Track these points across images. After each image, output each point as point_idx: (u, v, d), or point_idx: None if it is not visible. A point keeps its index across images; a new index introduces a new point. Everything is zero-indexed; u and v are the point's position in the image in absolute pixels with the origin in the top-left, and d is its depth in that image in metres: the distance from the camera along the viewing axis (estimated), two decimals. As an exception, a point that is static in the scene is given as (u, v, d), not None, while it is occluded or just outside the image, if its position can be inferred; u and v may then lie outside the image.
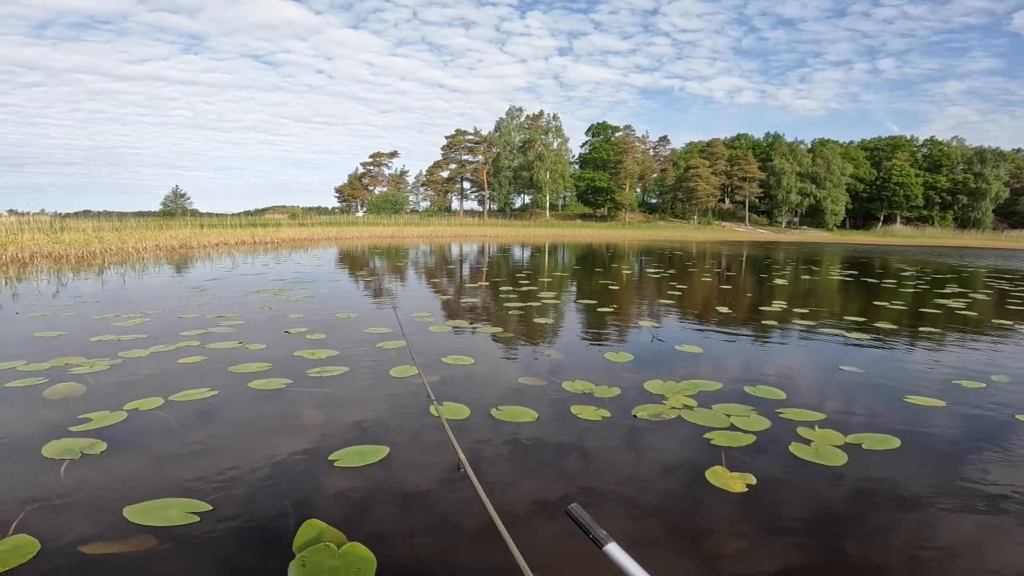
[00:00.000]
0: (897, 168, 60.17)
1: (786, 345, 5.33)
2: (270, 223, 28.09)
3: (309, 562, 1.70)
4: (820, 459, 2.58)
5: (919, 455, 2.69)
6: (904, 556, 1.87)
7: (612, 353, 4.64)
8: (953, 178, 60.24)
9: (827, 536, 1.97)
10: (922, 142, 65.76)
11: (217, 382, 3.51)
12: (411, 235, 31.66)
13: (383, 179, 69.16)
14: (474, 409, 3.15)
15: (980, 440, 2.89)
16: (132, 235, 16.77)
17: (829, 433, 2.88)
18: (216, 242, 19.00)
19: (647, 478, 2.40)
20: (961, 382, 3.92)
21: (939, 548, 1.93)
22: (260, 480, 2.27)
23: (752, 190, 61.44)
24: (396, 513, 2.05)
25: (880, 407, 3.41)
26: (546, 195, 61.82)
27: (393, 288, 9.06)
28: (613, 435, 2.86)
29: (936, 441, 2.88)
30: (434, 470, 2.41)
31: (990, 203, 58.79)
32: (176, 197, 62.82)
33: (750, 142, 69.58)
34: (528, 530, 1.96)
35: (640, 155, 66.64)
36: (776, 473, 2.45)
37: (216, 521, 1.95)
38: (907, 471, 2.49)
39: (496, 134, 63.16)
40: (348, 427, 2.86)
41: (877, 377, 4.09)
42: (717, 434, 2.86)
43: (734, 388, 3.67)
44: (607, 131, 67.11)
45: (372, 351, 4.48)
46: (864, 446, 2.73)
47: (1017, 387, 3.86)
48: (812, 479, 2.40)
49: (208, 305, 6.53)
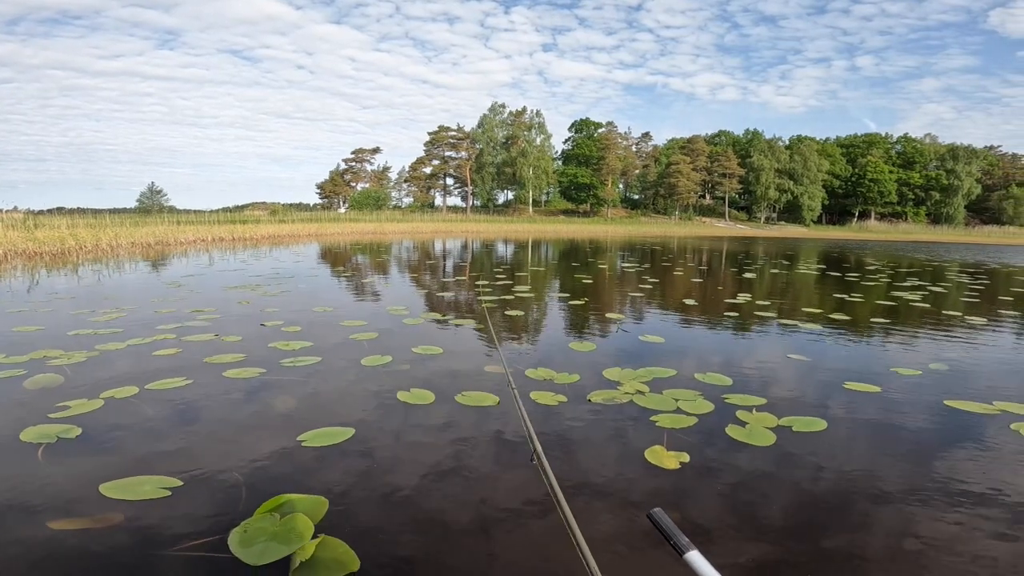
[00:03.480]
0: (872, 165, 61.51)
1: (742, 335, 5.60)
2: (249, 220, 27.90)
3: (251, 528, 1.87)
4: (751, 440, 2.79)
5: (841, 436, 2.91)
6: (805, 524, 2.09)
7: (577, 343, 4.86)
8: (926, 175, 61.75)
9: (742, 507, 2.18)
10: (896, 139, 67.25)
11: (192, 372, 3.66)
12: (393, 231, 31.64)
13: (365, 175, 68.73)
14: (439, 395, 3.34)
15: (902, 423, 3.12)
16: (107, 232, 16.60)
17: (765, 416, 3.10)
18: (193, 239, 18.86)
19: (590, 456, 2.61)
20: (899, 370, 4.18)
21: (839, 518, 2.16)
22: (230, 458, 2.44)
23: (732, 186, 62.37)
24: (355, 483, 2.24)
25: (819, 393, 3.65)
26: (529, 191, 62.03)
27: (371, 283, 9.18)
28: (565, 418, 3.07)
29: (861, 424, 3.10)
30: (393, 447, 2.61)
31: (962, 199, 60.35)
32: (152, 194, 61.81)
33: (730, 138, 70.50)
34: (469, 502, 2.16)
35: (622, 151, 67.15)
36: (709, 452, 2.65)
37: (186, 494, 2.12)
38: (826, 451, 2.71)
39: (479, 130, 63.13)
40: (317, 411, 3.04)
41: (821, 365, 4.36)
42: (663, 417, 3.07)
43: (687, 375, 3.90)
44: (590, 127, 67.46)
45: (346, 342, 4.64)
46: (794, 428, 2.95)
47: (951, 375, 4.13)
48: (739, 458, 2.61)
49: (185, 300, 6.62)
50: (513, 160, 60.10)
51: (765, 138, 65.67)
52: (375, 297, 7.66)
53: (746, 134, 69.94)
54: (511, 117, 62.97)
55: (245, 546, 1.77)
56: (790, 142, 65.06)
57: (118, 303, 6.32)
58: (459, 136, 66.27)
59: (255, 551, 1.74)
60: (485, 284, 8.98)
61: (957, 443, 2.82)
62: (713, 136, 71.50)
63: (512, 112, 63.31)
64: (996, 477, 2.44)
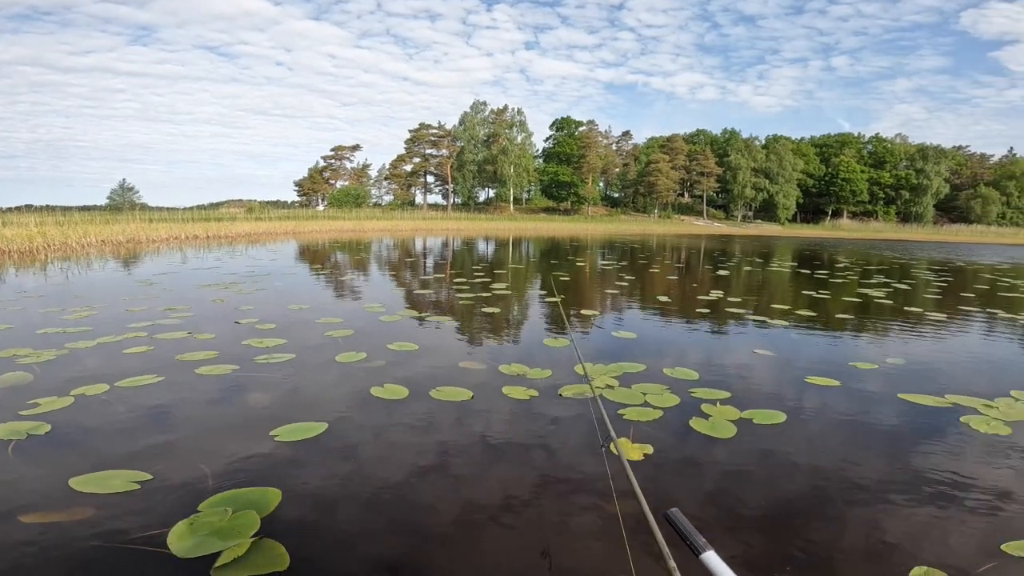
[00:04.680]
0: (844, 164, 62.92)
1: (712, 331, 5.74)
2: (225, 217, 27.43)
3: (198, 521, 1.91)
4: (713, 432, 2.90)
5: (798, 428, 3.02)
6: (761, 511, 2.21)
7: (551, 339, 4.95)
8: (896, 174, 63.36)
9: (701, 496, 2.28)
10: (868, 139, 68.84)
11: (163, 369, 3.65)
12: (373, 229, 31.43)
13: (345, 173, 68.03)
14: (413, 390, 3.40)
15: (856, 415, 3.25)
16: (76, 230, 16.22)
17: (728, 409, 3.21)
18: (166, 237, 18.52)
19: (556, 448, 2.69)
20: (858, 364, 4.33)
21: (792, 505, 2.28)
22: (200, 452, 2.47)
23: (710, 185, 63.23)
24: (322, 478, 2.29)
25: (781, 386, 3.78)
26: (510, 189, 62.06)
27: (349, 281, 9.16)
28: (535, 411, 3.15)
29: (818, 417, 3.22)
30: (364, 442, 2.66)
31: (931, 198, 62.06)
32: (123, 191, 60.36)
33: (708, 138, 71.45)
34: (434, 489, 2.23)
35: (603, 150, 67.62)
36: (672, 444, 2.75)
37: (155, 488, 2.15)
38: (783, 442, 2.82)
39: (460, 128, 62.98)
40: (291, 407, 3.07)
41: (785, 359, 4.51)
42: (630, 410, 3.17)
43: (656, 370, 4.01)
44: (571, 126, 67.72)
45: (321, 340, 4.66)
46: (755, 421, 3.06)
47: (907, 369, 4.30)
48: (701, 449, 2.71)
49: (157, 299, 6.54)
50: (494, 158, 60.07)
51: (742, 137, 66.70)
52: (352, 295, 7.66)
53: (724, 133, 70.94)
54: (492, 115, 62.92)
55: (183, 539, 1.80)
56: (766, 141, 66.21)
57: (88, 301, 6.23)
58: (440, 134, 65.99)
59: (188, 545, 1.77)
60: (463, 282, 9.03)
61: (907, 435, 2.95)
62: (692, 135, 72.37)
63: (493, 110, 63.29)
64: (942, 466, 2.58)
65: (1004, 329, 6.28)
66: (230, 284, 7.98)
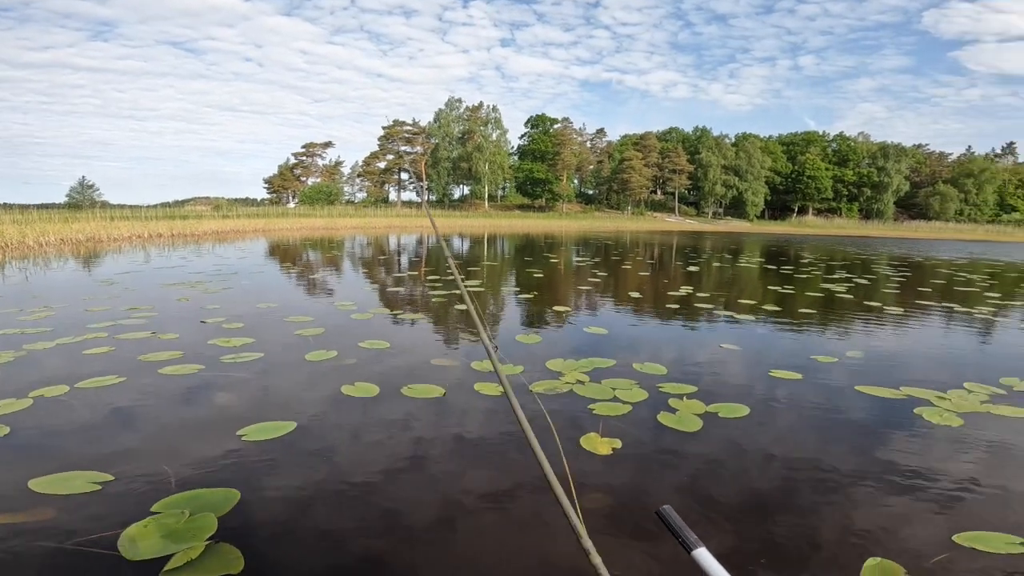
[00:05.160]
0: (810, 162, 64.52)
1: (681, 326, 5.85)
2: (190, 215, 26.70)
3: (153, 523, 1.89)
4: (680, 425, 2.96)
5: (761, 421, 3.11)
6: (724, 502, 2.28)
7: (523, 335, 4.98)
8: (859, 172, 65.22)
9: (666, 488, 2.34)
10: (832, 137, 70.70)
11: (126, 370, 3.56)
12: (345, 226, 31.03)
13: (317, 170, 66.91)
14: (384, 388, 3.38)
15: (816, 408, 3.35)
16: (34, 228, 15.61)
17: (694, 403, 3.28)
18: (128, 235, 17.96)
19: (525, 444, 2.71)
20: (818, 357, 4.47)
21: (753, 495, 2.36)
22: (164, 452, 2.43)
23: (682, 182, 64.12)
24: (290, 476, 2.27)
25: (746, 380, 3.88)
26: (485, 186, 61.90)
27: (320, 279, 9.04)
28: (505, 407, 3.16)
29: (779, 409, 3.32)
30: (333, 440, 2.65)
31: (892, 195, 64.07)
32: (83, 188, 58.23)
33: (680, 135, 72.38)
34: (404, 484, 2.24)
35: (577, 147, 67.95)
36: (640, 438, 2.80)
37: (116, 489, 2.12)
38: (745, 435, 2.90)
39: (435, 125, 62.54)
40: (259, 406, 3.03)
41: (750, 353, 4.63)
42: (600, 405, 3.21)
43: (626, 365, 4.07)
44: (546, 123, 67.82)
45: (290, 338, 4.60)
46: (720, 414, 3.13)
47: (865, 362, 4.45)
48: (668, 443, 2.76)
49: (118, 298, 6.36)
50: (469, 155, 59.81)
51: (713, 135, 67.79)
52: (323, 293, 7.56)
53: (695, 131, 71.97)
54: (467, 112, 62.60)
55: (135, 542, 1.78)
56: (736, 139, 67.42)
57: (47, 301, 6.02)
58: (414, 131, 65.42)
59: (140, 547, 1.75)
60: (436, 279, 9.00)
61: (863, 427, 3.05)
62: (664, 133, 73.20)
63: (469, 107, 62.97)
64: (896, 458, 2.69)
65: (959, 323, 6.55)
66: (196, 283, 7.80)
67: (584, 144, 72.51)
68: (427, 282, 8.68)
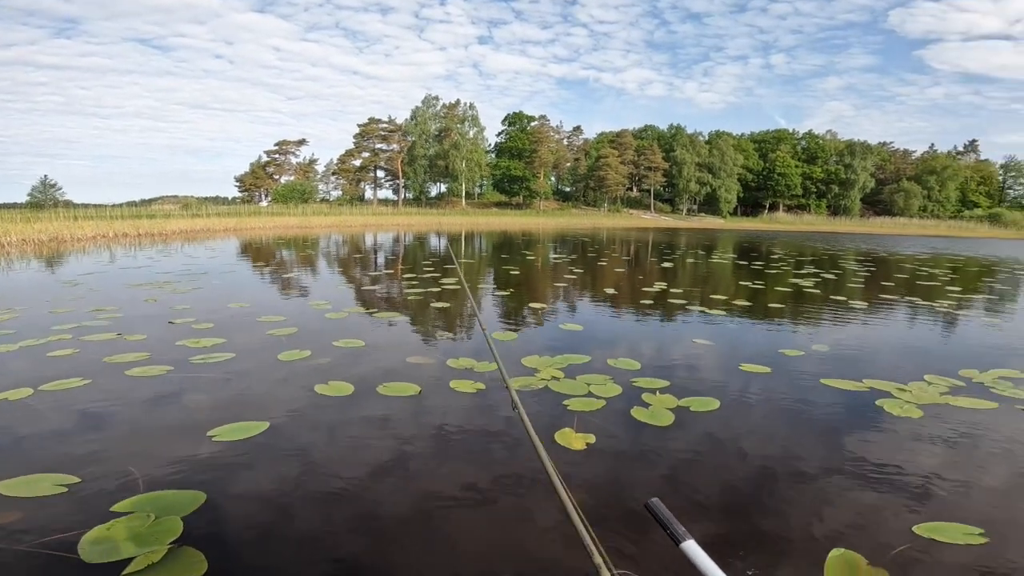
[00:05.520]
0: (780, 160, 65.92)
1: (654, 322, 5.94)
2: (158, 214, 26.03)
3: (117, 526, 1.86)
4: (653, 420, 3.00)
5: (731, 414, 3.17)
6: (694, 494, 2.33)
7: (499, 332, 5.00)
8: (827, 169, 66.87)
9: (637, 482, 2.37)
10: (802, 135, 72.30)
11: (91, 372, 3.48)
12: (320, 225, 30.58)
13: (290, 168, 65.70)
14: (359, 386, 3.36)
15: (783, 401, 3.43)
16: (-7, 226, 15.03)
17: (667, 398, 3.33)
18: (93, 235, 17.44)
19: (501, 440, 2.73)
20: (787, 351, 4.58)
21: (719, 487, 2.42)
22: (132, 454, 2.39)
23: (657, 179, 64.85)
24: (261, 477, 2.25)
25: (717, 374, 3.96)
26: (462, 184, 61.67)
27: (293, 278, 8.91)
28: (481, 404, 3.19)
29: (748, 402, 3.39)
30: (305, 439, 2.62)
31: (858, 192, 65.83)
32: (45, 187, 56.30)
33: (655, 133, 73.18)
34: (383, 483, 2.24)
35: (555, 145, 68.09)
36: (614, 433, 2.83)
37: (81, 491, 2.07)
38: (716, 428, 2.96)
39: (412, 122, 61.99)
40: (230, 406, 2.99)
41: (722, 348, 4.72)
42: (575, 400, 3.25)
43: (600, 360, 4.12)
44: (523, 121, 67.81)
45: (262, 338, 4.54)
46: (691, 408, 3.19)
47: (830, 355, 4.57)
48: (640, 437, 2.80)
49: (83, 299, 6.18)
50: (446, 153, 59.48)
51: (687, 133, 68.66)
52: (297, 292, 7.46)
53: (670, 129, 72.82)
54: (444, 110, 62.23)
55: (96, 544, 1.75)
56: (710, 137, 68.45)
57: (9, 303, 5.82)
58: (390, 128, 64.74)
59: (100, 550, 1.73)
60: (412, 277, 8.95)
61: (827, 419, 3.13)
62: (640, 131, 73.91)
63: (445, 105, 62.62)
64: (859, 450, 2.78)
65: (920, 316, 6.79)
66: (163, 283, 7.62)
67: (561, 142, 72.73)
68: (403, 280, 8.63)
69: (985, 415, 3.19)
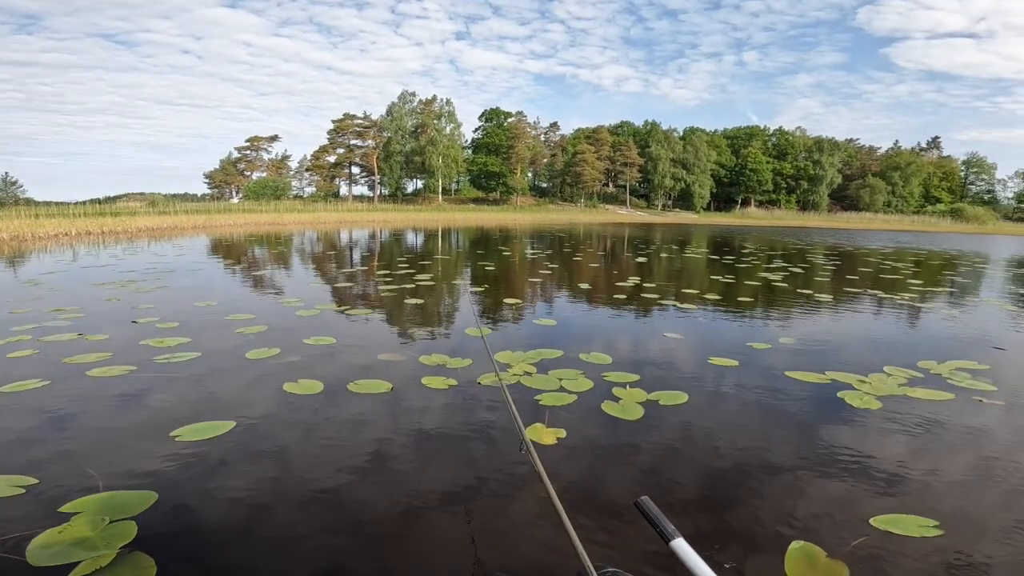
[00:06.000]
0: (752, 156, 67.18)
1: (626, 316, 6.01)
2: (123, 212, 25.28)
3: (67, 529, 1.82)
4: (623, 414, 3.03)
5: (699, 407, 3.21)
6: (663, 487, 2.37)
7: (472, 328, 4.99)
8: (797, 165, 68.40)
9: (606, 476, 2.39)
10: (772, 132, 73.75)
11: (51, 373, 3.38)
12: (293, 222, 30.07)
13: (262, 164, 64.38)
14: (329, 384, 3.33)
15: (749, 394, 3.48)
16: (-54, 224, 14.41)
17: (637, 392, 3.36)
18: (55, 233, 16.86)
19: (471, 436, 2.73)
20: (754, 344, 4.67)
21: (683, 480, 2.47)
22: (93, 456, 2.33)
23: (632, 175, 65.45)
24: (225, 478, 2.21)
25: (686, 367, 4.02)
26: (438, 180, 61.33)
27: (264, 276, 8.75)
28: (453, 400, 3.18)
29: (716, 395, 3.45)
30: (274, 439, 2.59)
31: (826, 188, 67.50)
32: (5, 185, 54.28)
33: (631, 129, 73.80)
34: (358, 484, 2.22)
35: (532, 140, 68.14)
36: (584, 427, 2.85)
37: (38, 493, 2.02)
38: (684, 421, 3.00)
39: (388, 119, 61.31)
40: (194, 406, 2.93)
41: (692, 341, 4.80)
42: (547, 395, 3.26)
43: (573, 355, 4.14)
44: (500, 116, 67.69)
45: (230, 337, 4.45)
46: (661, 402, 3.23)
47: (796, 348, 4.67)
48: (611, 431, 2.83)
49: (43, 299, 5.98)
50: (422, 149, 59.03)
51: (662, 129, 69.47)
52: (267, 290, 7.34)
53: (646, 125, 73.53)
54: (421, 105, 61.73)
55: (45, 548, 1.72)
56: (684, 133, 69.37)
57: (-42, 305, 5.59)
58: (366, 124, 63.93)
59: (48, 553, 1.69)
60: (386, 273, 8.88)
61: (791, 411, 3.19)
62: (616, 127, 74.46)
63: (422, 100, 62.10)
64: (820, 442, 2.86)
65: (883, 309, 7.00)
66: (127, 282, 7.41)
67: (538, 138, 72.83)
68: (376, 277, 8.55)
69: (941, 406, 3.29)
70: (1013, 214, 65.09)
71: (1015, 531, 2.00)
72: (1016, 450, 2.69)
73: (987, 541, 1.94)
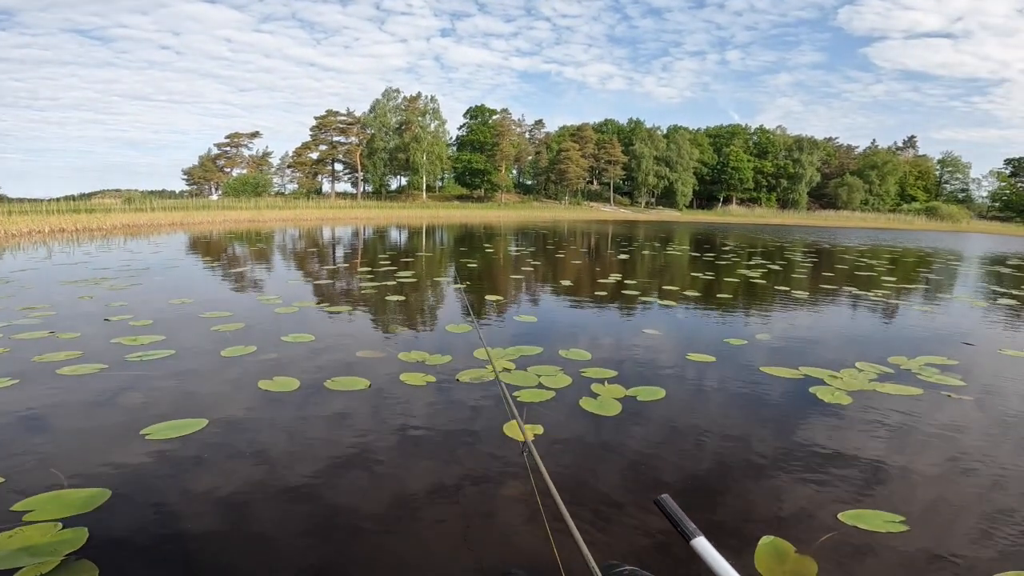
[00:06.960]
0: (733, 154, 67.92)
1: (606, 313, 6.04)
2: (98, 208, 24.74)
3: (19, 532, 1.78)
4: (600, 410, 3.04)
5: (676, 402, 3.24)
6: (637, 481, 2.39)
7: (453, 325, 4.99)
8: (777, 163, 69.30)
9: (582, 472, 2.40)
10: (753, 130, 74.66)
11: (20, 371, 3.30)
12: (274, 219, 29.67)
13: (242, 161, 63.34)
14: (306, 381, 3.30)
15: (725, 389, 3.53)
16: (-89, 220, 13.96)
17: (615, 388, 3.38)
18: (28, 231, 16.45)
19: (449, 432, 2.73)
20: (731, 340, 4.71)
21: (655, 475, 2.49)
22: (59, 455, 2.28)
23: (616, 172, 65.78)
24: (193, 478, 2.19)
25: (664, 363, 4.04)
26: (423, 177, 61.01)
27: (242, 273, 8.63)
28: (432, 397, 3.18)
29: (693, 391, 3.48)
30: (247, 436, 2.56)
31: (805, 186, 68.50)
32: (-25, 179, 52.73)
33: (615, 127, 74.08)
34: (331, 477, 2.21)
35: (516, 138, 68.03)
36: (562, 423, 2.85)
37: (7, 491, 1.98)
38: (661, 416, 3.03)
39: (371, 115, 60.76)
40: (166, 404, 2.89)
41: (670, 338, 4.84)
42: (525, 392, 3.27)
43: (552, 352, 4.15)
44: (485, 114, 67.45)
45: (206, 334, 4.39)
46: (638, 397, 3.24)
47: (771, 343, 4.74)
48: (588, 427, 2.83)
49: (13, 297, 5.83)
50: (406, 146, 58.63)
51: (646, 127, 69.92)
52: (245, 287, 7.24)
53: (630, 123, 73.86)
54: (405, 102, 61.29)
55: None
56: (667, 131, 69.89)
57: (-77, 303, 5.42)
58: (349, 121, 63.23)
59: None
60: (367, 271, 8.81)
61: (765, 407, 3.24)
62: (600, 124, 74.64)
63: (406, 97, 61.64)
64: (792, 437, 2.91)
65: (857, 305, 7.13)
66: (100, 280, 7.26)
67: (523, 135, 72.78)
68: (357, 274, 8.48)
69: (911, 401, 3.35)
70: (987, 212, 66.66)
71: (979, 526, 2.05)
72: (983, 446, 2.75)
73: (952, 537, 1.98)
